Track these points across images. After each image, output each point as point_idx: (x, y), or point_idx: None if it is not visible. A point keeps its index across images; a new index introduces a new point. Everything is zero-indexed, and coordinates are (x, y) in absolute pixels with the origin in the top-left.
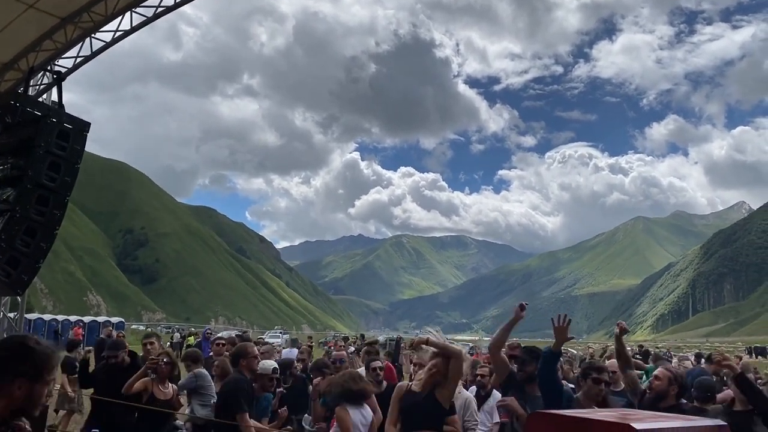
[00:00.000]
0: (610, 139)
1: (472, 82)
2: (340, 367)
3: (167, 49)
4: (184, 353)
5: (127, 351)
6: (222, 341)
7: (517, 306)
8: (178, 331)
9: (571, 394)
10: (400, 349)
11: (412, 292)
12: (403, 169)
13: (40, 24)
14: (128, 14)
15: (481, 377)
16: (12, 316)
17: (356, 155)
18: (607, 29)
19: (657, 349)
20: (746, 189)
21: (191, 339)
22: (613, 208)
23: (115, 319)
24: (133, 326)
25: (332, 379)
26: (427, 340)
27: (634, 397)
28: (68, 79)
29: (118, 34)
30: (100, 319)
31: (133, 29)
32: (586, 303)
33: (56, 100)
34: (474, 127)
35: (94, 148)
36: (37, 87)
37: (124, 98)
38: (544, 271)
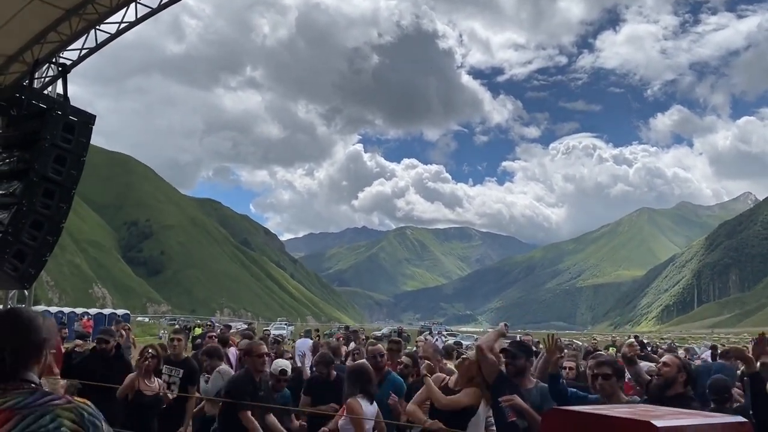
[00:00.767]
0: (614, 130)
1: (476, 73)
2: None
3: (170, 42)
4: (205, 349)
5: (116, 340)
6: (214, 334)
7: (501, 324)
8: (178, 324)
9: (584, 396)
10: (403, 340)
11: (416, 284)
12: (406, 161)
13: (44, 16)
14: (132, 5)
15: None
16: None
17: (359, 147)
18: (611, 19)
19: (661, 341)
20: (751, 180)
21: (198, 330)
22: (617, 199)
23: (120, 311)
24: (139, 318)
25: (352, 368)
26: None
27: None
28: (72, 71)
29: (123, 25)
30: (106, 311)
31: (138, 20)
32: (591, 294)
33: (61, 92)
34: (477, 119)
35: (99, 141)
36: (42, 79)
37: (128, 91)
38: (548, 262)
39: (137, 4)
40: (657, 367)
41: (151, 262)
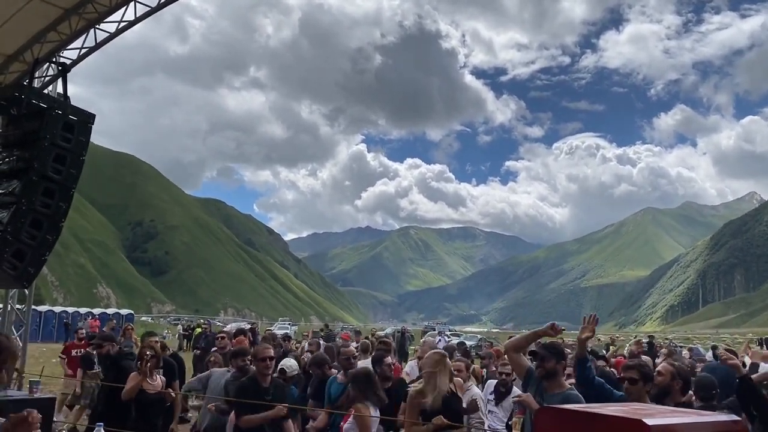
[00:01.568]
0: (617, 130)
1: (479, 73)
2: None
3: (174, 42)
4: (233, 350)
5: (113, 344)
6: (224, 335)
7: (549, 324)
8: (181, 324)
9: (611, 390)
10: (406, 340)
11: (420, 284)
12: (409, 161)
13: (44, 15)
14: (132, 4)
15: (506, 375)
16: (20, 308)
17: (363, 147)
18: (614, 19)
19: (666, 341)
20: (756, 179)
21: (199, 330)
22: (621, 199)
23: (124, 311)
24: (143, 318)
25: (356, 374)
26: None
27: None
28: (75, 72)
29: (123, 24)
30: (110, 311)
31: (138, 20)
32: (595, 295)
33: (61, 92)
34: (481, 118)
35: (103, 141)
36: (42, 79)
37: (132, 91)
38: (552, 262)
39: (137, 3)
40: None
41: (156, 262)
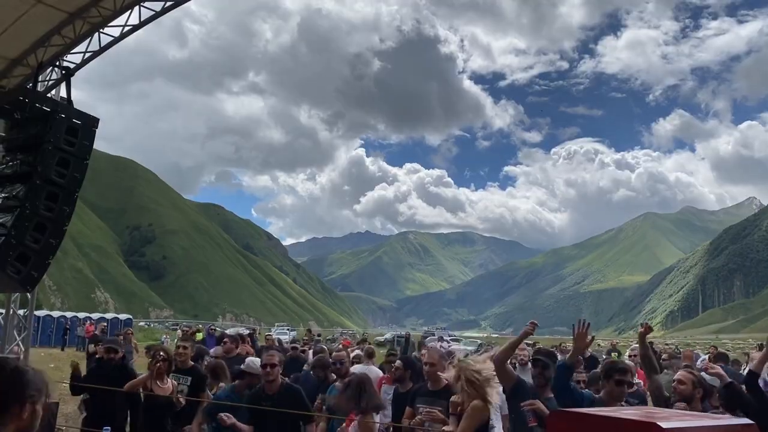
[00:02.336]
0: (616, 135)
1: (477, 78)
2: (340, 368)
3: (172, 47)
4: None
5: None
6: (227, 339)
7: (528, 325)
8: (180, 329)
9: (591, 397)
10: (410, 345)
11: (419, 289)
12: (408, 166)
13: (48, 19)
14: (136, 9)
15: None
16: (21, 313)
17: (361, 152)
18: (612, 24)
19: (667, 346)
20: (754, 184)
21: (199, 335)
22: (620, 204)
23: (123, 316)
24: (141, 323)
25: (350, 382)
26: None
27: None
28: (76, 76)
29: (126, 29)
30: (108, 315)
31: (142, 24)
32: (595, 300)
33: (65, 95)
34: (479, 123)
35: (101, 145)
36: (46, 82)
37: (131, 95)
38: (551, 267)
39: (141, 8)
40: (672, 386)
41: (154, 267)
